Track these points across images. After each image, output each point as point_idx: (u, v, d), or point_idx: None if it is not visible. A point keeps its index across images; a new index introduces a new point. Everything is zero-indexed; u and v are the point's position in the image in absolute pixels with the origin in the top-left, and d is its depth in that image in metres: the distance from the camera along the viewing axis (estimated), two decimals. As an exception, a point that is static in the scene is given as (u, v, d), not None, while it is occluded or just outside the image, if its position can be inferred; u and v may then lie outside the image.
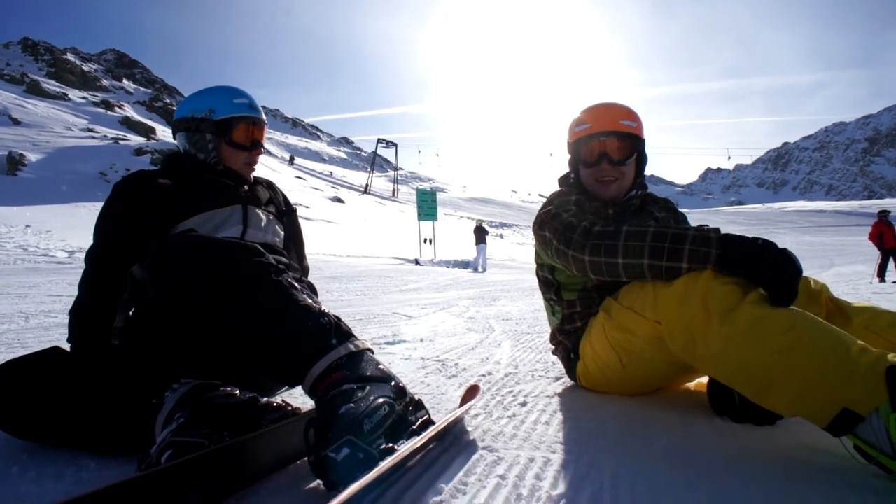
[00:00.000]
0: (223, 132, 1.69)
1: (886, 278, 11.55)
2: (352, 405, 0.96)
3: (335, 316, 1.16)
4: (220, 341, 1.15)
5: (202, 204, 1.59)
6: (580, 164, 1.83)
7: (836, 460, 1.13)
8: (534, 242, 1.85)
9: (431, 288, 7.45)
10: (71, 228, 12.04)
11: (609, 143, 1.77)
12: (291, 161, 64.01)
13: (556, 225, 1.64)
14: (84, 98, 45.25)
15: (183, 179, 1.65)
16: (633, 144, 1.79)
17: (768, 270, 1.23)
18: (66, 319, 1.53)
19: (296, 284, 1.19)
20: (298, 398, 1.70)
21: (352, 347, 1.10)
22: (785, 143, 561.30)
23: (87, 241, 1.56)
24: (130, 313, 1.47)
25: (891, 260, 12.21)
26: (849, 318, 1.52)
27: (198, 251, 1.17)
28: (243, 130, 1.71)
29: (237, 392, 1.19)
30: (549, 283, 1.85)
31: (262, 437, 1.07)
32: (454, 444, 1.25)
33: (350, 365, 1.07)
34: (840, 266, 16.73)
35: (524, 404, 1.61)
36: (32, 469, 1.14)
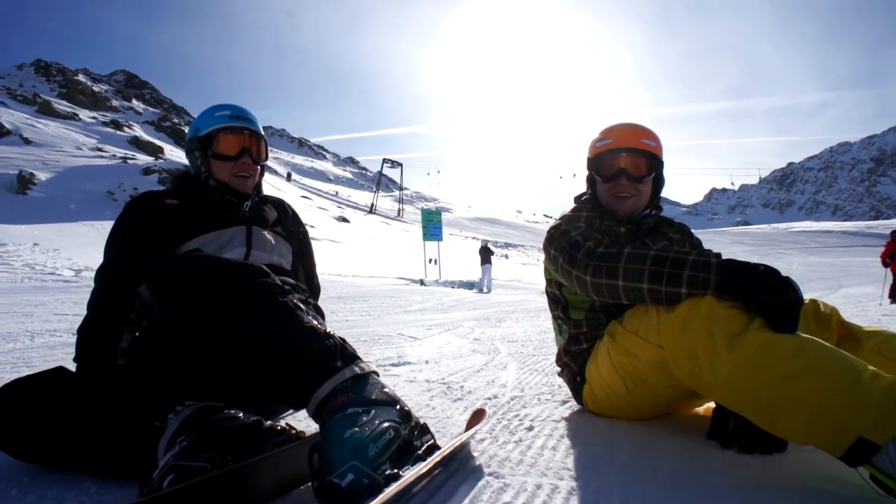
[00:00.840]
0: (207, 146, 1.72)
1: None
2: (357, 429, 0.95)
3: (340, 338, 1.16)
4: (224, 362, 1.15)
5: (206, 224, 1.60)
6: (599, 178, 1.84)
7: (851, 490, 1.11)
8: (543, 258, 1.85)
9: (436, 308, 7.43)
10: (78, 247, 12.11)
11: (628, 160, 1.78)
12: (289, 178, 64.15)
13: (562, 243, 1.64)
14: (94, 118, 45.85)
15: (189, 200, 1.67)
16: (651, 163, 1.80)
17: (768, 297, 1.22)
18: (71, 339, 1.53)
19: (301, 306, 1.19)
20: (302, 421, 1.69)
21: (357, 370, 1.09)
22: (790, 164, 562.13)
23: (94, 259, 1.57)
24: (137, 334, 1.47)
25: None
26: (860, 342, 1.50)
27: (203, 271, 1.17)
28: (223, 140, 1.72)
29: (241, 415, 1.18)
30: (557, 300, 1.84)
31: (265, 462, 1.05)
32: (460, 469, 1.23)
33: (355, 388, 1.06)
34: (848, 287, 16.60)
35: (531, 429, 1.59)
36: (32, 492, 1.12)
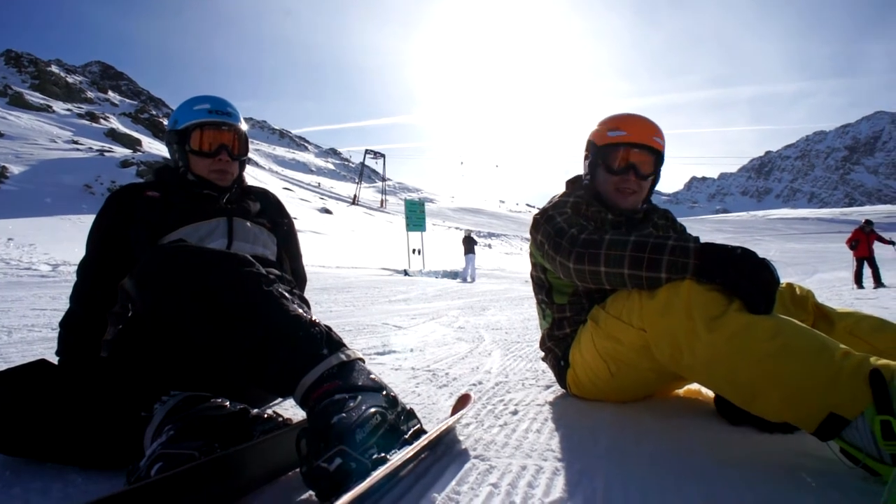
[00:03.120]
0: (184, 141, 1.70)
1: (864, 284, 11.81)
2: (344, 415, 0.96)
3: (326, 326, 1.16)
4: (210, 352, 1.15)
5: (187, 216, 1.59)
6: (604, 169, 1.81)
7: (824, 464, 1.15)
8: (526, 247, 1.86)
9: (420, 298, 7.44)
10: (55, 242, 11.88)
11: (640, 156, 1.77)
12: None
13: (548, 229, 1.65)
14: (69, 110, 44.79)
15: (170, 192, 1.65)
16: (657, 162, 1.81)
17: (745, 280, 1.24)
18: (50, 334, 1.51)
19: (286, 294, 1.19)
20: (289, 409, 1.69)
21: (343, 357, 1.09)
22: (768, 152, 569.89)
23: (72, 254, 1.55)
24: (120, 326, 1.45)
25: (865, 265, 12.51)
26: (833, 323, 1.54)
27: (186, 261, 1.16)
28: (200, 136, 1.69)
29: (227, 404, 1.18)
30: (542, 283, 1.85)
31: (253, 449, 1.06)
32: (446, 453, 1.25)
33: (342, 374, 1.06)
34: (823, 273, 16.97)
35: (515, 413, 1.61)
36: (17, 485, 1.12)
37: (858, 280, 12.19)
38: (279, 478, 1.13)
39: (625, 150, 1.77)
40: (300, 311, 1.16)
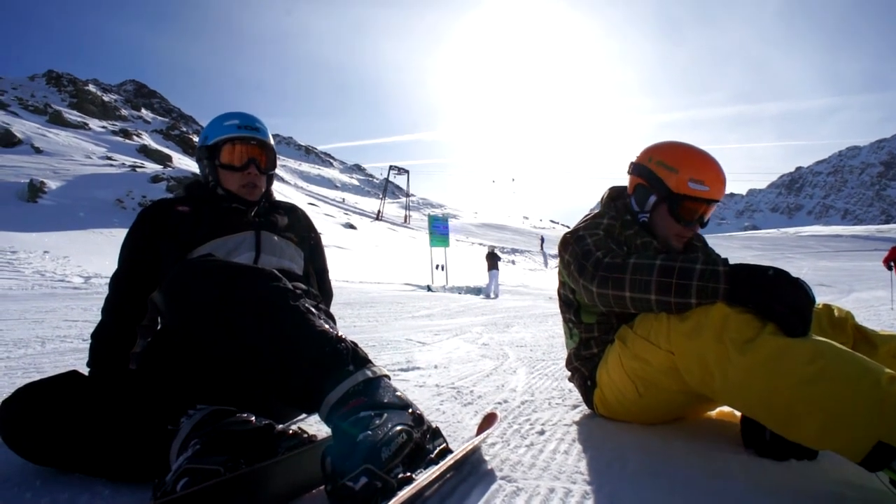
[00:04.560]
0: (214, 156, 1.72)
1: None
2: (369, 432, 0.95)
3: (352, 341, 1.16)
4: (235, 366, 1.15)
5: (215, 230, 1.61)
6: (669, 214, 1.73)
7: (870, 494, 1.09)
8: (558, 260, 1.82)
9: (444, 314, 7.42)
10: (87, 254, 12.20)
11: (710, 209, 1.74)
12: None
13: (576, 250, 1.61)
14: (104, 127, 46.19)
15: (200, 206, 1.68)
16: None
17: (778, 304, 1.20)
18: (81, 345, 1.54)
19: (313, 310, 1.19)
20: (314, 425, 1.69)
21: (369, 374, 1.09)
22: (798, 168, 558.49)
23: (103, 266, 1.58)
24: (149, 339, 1.47)
25: None
26: (875, 346, 1.49)
27: (213, 275, 1.17)
28: (230, 151, 1.72)
29: (253, 419, 1.18)
30: (570, 302, 1.81)
31: (278, 465, 1.05)
32: (472, 473, 1.22)
33: (367, 391, 1.06)
34: (859, 292, 16.43)
35: (542, 433, 1.58)
36: (46, 496, 1.13)
37: None
38: (303, 495, 1.12)
39: (701, 204, 1.71)
40: (326, 326, 1.16)
